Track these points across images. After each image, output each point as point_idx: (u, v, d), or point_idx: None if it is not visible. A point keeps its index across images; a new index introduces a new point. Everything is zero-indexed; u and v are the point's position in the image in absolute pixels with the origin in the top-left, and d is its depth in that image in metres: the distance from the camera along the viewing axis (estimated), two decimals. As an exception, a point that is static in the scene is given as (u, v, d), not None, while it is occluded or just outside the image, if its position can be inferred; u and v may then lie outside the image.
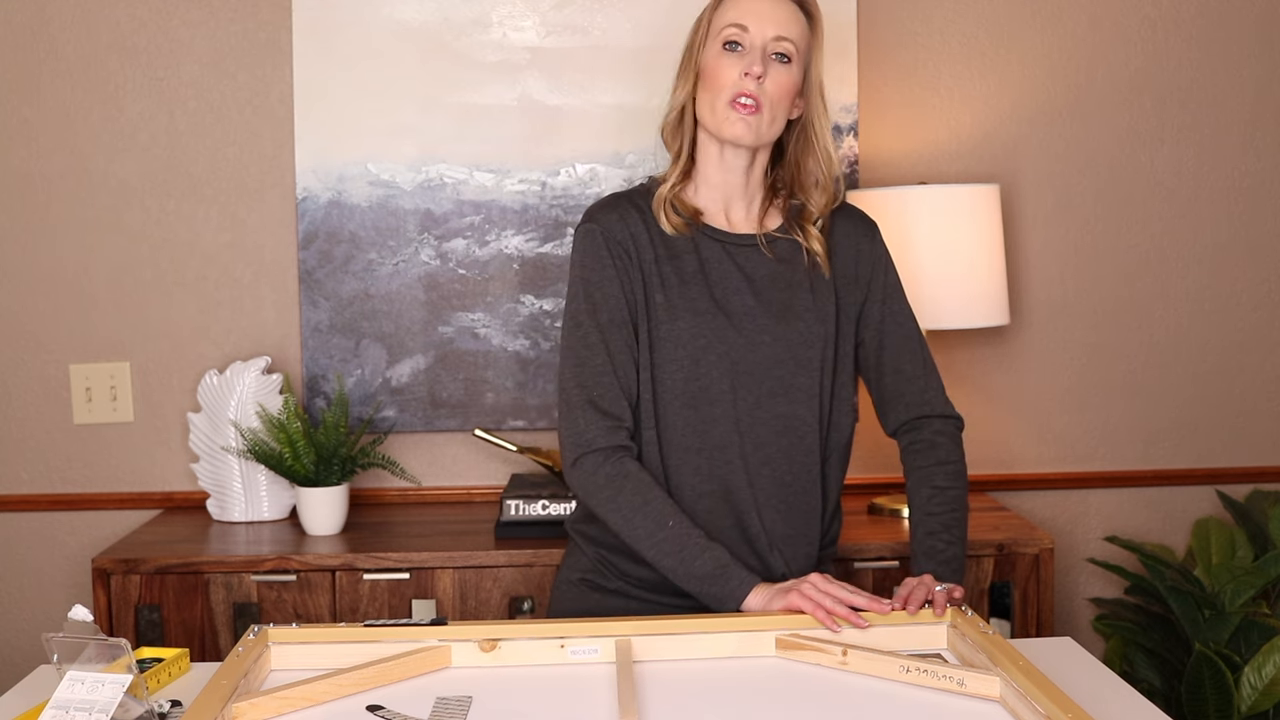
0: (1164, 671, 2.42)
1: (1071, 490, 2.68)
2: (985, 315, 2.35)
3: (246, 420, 2.44)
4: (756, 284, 1.68)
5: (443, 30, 2.52)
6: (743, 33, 1.63)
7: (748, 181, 1.71)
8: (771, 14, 1.63)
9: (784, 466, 1.67)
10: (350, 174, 2.52)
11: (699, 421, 1.65)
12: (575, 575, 1.75)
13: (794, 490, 1.68)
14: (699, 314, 1.65)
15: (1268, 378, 2.70)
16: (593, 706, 1.35)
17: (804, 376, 1.67)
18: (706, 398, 1.65)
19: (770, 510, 1.67)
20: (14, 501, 2.57)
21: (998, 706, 1.33)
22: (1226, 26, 2.62)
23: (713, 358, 1.65)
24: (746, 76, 1.61)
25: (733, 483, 1.66)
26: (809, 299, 1.69)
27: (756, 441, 1.66)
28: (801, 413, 1.68)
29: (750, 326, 1.66)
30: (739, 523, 1.67)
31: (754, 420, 1.66)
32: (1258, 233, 2.67)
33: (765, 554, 1.67)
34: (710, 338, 1.65)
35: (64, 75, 2.51)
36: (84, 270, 2.54)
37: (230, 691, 1.29)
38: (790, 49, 1.63)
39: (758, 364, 1.66)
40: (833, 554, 1.80)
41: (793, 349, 1.67)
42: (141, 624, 2.22)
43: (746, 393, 1.66)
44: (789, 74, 1.64)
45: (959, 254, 2.32)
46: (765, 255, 1.70)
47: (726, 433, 1.65)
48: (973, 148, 2.60)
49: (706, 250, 1.69)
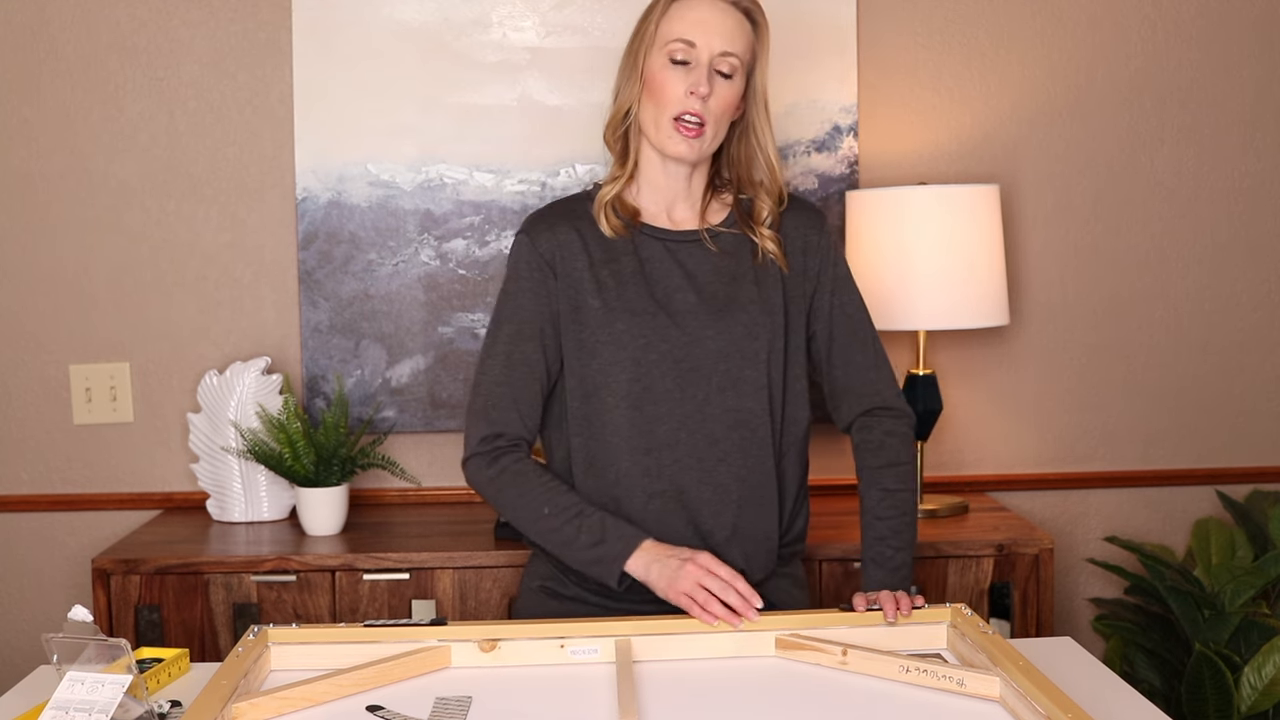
0: (1164, 672, 2.42)
1: (1071, 490, 2.68)
2: (985, 315, 2.35)
3: (246, 421, 2.44)
4: (698, 280, 1.68)
5: (443, 30, 2.52)
6: (689, 48, 1.61)
7: (690, 185, 1.71)
8: (719, 27, 1.62)
9: (739, 461, 1.66)
10: (350, 174, 2.52)
11: (645, 422, 1.64)
12: (535, 583, 1.75)
13: (750, 485, 1.67)
14: (638, 314, 1.65)
15: (1268, 378, 2.70)
16: (593, 706, 1.35)
17: (751, 369, 1.66)
18: (650, 397, 1.64)
19: (727, 507, 1.66)
20: (14, 502, 2.57)
21: (998, 706, 1.33)
22: (1226, 27, 2.62)
23: (654, 356, 1.64)
24: (692, 95, 1.61)
25: (684, 482, 1.65)
26: (753, 291, 1.69)
27: (709, 438, 1.65)
28: (751, 405, 1.67)
29: (693, 323, 1.65)
30: (692, 521, 1.65)
31: (704, 417, 1.65)
32: (1258, 233, 2.67)
33: (722, 551, 1.65)
34: (651, 337, 1.64)
35: (64, 75, 2.51)
36: (84, 270, 2.54)
37: (230, 692, 1.29)
38: (734, 64, 1.63)
39: (703, 359, 1.65)
40: (799, 551, 1.79)
41: (737, 342, 1.66)
42: (141, 624, 2.22)
43: (694, 390, 1.65)
44: (732, 87, 1.64)
45: (959, 254, 2.32)
46: (708, 250, 1.70)
47: (673, 431, 1.64)
48: (973, 148, 2.60)
49: (646, 250, 1.69)
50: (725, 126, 1.67)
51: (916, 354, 2.45)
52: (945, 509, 2.43)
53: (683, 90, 1.61)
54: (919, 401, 2.42)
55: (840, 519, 2.43)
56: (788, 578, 1.76)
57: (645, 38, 1.66)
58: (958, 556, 2.25)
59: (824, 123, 2.55)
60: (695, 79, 1.61)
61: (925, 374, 2.43)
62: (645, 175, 1.71)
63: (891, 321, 2.36)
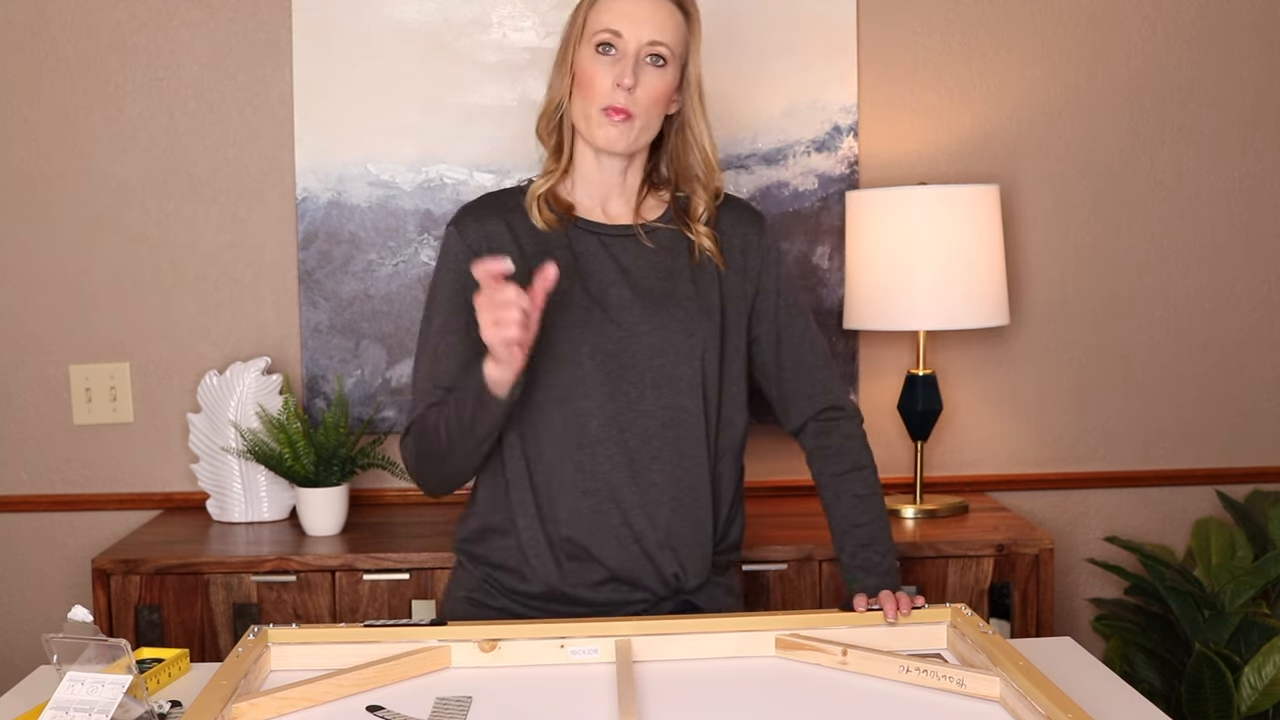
0: (1164, 672, 2.42)
1: (1071, 490, 2.68)
2: (985, 315, 2.35)
3: (246, 421, 2.44)
4: (633, 275, 1.65)
5: (443, 30, 2.52)
6: (616, 38, 1.58)
7: (625, 180, 1.68)
8: (647, 17, 1.59)
9: (673, 461, 1.63)
10: (350, 174, 2.52)
11: (575, 417, 1.60)
12: (461, 593, 1.71)
13: (684, 486, 1.63)
14: (570, 308, 1.61)
15: (1268, 378, 2.70)
16: (593, 706, 1.35)
17: (686, 366, 1.63)
18: (581, 392, 1.60)
19: (660, 508, 1.62)
20: (14, 502, 2.57)
21: (998, 706, 1.33)
22: (1226, 27, 2.62)
23: (586, 350, 1.60)
24: (618, 88, 1.58)
25: (615, 480, 1.61)
26: (690, 288, 1.65)
27: (642, 436, 1.61)
28: (686, 403, 1.63)
29: (627, 318, 1.62)
30: (625, 521, 1.61)
31: (637, 414, 1.61)
32: (1258, 233, 2.67)
33: (654, 554, 1.62)
34: (584, 330, 1.60)
35: (64, 75, 2.51)
36: (84, 270, 2.54)
37: (230, 692, 1.29)
38: (665, 52, 1.60)
39: (638, 355, 1.61)
40: (734, 560, 1.75)
41: (672, 338, 1.62)
42: (141, 624, 2.22)
43: (628, 386, 1.61)
44: (663, 78, 1.61)
45: (959, 254, 2.32)
46: (643, 245, 1.66)
47: (604, 428, 1.60)
48: (973, 148, 2.60)
49: (580, 244, 1.65)
50: (657, 119, 1.63)
51: (916, 354, 2.45)
52: (945, 509, 2.43)
53: (609, 82, 1.58)
54: (919, 401, 2.42)
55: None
56: (721, 586, 1.72)
57: (574, 30, 1.63)
58: (958, 556, 2.25)
59: (824, 123, 2.55)
60: (621, 70, 1.57)
61: (925, 374, 2.43)
62: (579, 170, 1.68)
63: (891, 321, 2.36)
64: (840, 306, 2.54)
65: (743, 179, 2.54)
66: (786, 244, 2.55)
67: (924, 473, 2.50)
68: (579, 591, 1.63)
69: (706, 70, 1.68)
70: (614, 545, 1.61)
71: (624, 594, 1.64)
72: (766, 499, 2.54)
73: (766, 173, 2.54)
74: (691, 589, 1.66)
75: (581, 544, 1.62)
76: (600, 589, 1.63)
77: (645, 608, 1.65)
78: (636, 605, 1.64)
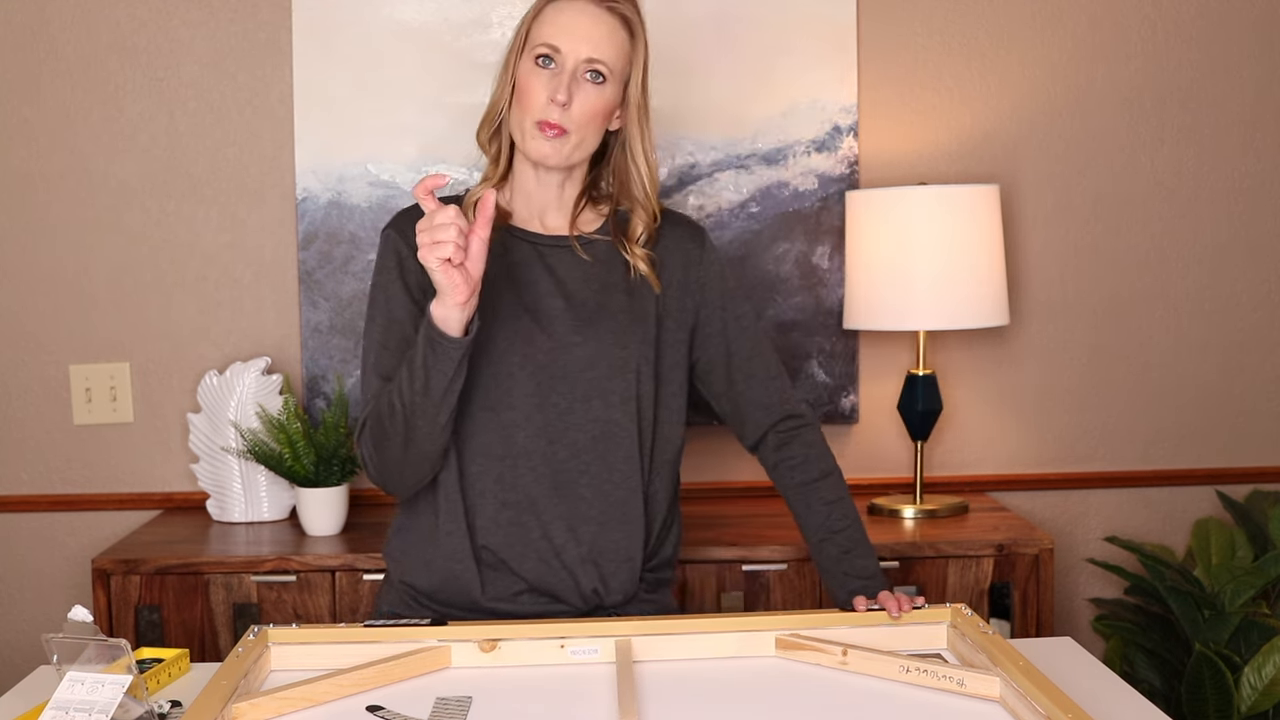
0: (1164, 672, 2.42)
1: (1071, 490, 2.68)
2: (985, 315, 2.35)
3: (246, 421, 2.44)
4: (568, 286, 1.63)
5: (443, 30, 2.52)
6: (555, 52, 1.56)
7: (562, 192, 1.66)
8: (587, 33, 1.56)
9: (602, 474, 1.60)
10: (350, 174, 2.52)
11: (501, 427, 1.58)
12: (385, 608, 1.69)
13: (613, 500, 1.61)
14: (502, 318, 1.59)
15: (1268, 378, 2.70)
16: (593, 706, 1.35)
17: (619, 379, 1.61)
18: (509, 403, 1.58)
19: (587, 521, 1.60)
20: (14, 502, 2.57)
21: (998, 707, 1.33)
22: (1226, 27, 2.62)
23: (516, 359, 1.58)
24: (552, 103, 1.55)
25: (535, 492, 1.59)
26: (624, 300, 1.63)
27: (572, 449, 1.59)
28: (617, 417, 1.61)
29: (560, 328, 1.60)
30: (545, 534, 1.59)
31: (566, 426, 1.59)
32: (1258, 233, 2.67)
33: (575, 568, 1.60)
34: (514, 340, 1.59)
35: (64, 75, 2.51)
36: (84, 270, 2.54)
37: (230, 692, 1.29)
38: (604, 70, 1.57)
39: (569, 366, 1.60)
40: (668, 579, 1.72)
41: (605, 351, 1.60)
42: (141, 624, 2.22)
43: (558, 398, 1.59)
44: (601, 95, 1.58)
45: (959, 254, 2.32)
46: (580, 257, 1.64)
47: (531, 439, 1.59)
48: (973, 148, 2.60)
49: (516, 253, 1.64)
50: (594, 135, 1.61)
51: (916, 354, 2.45)
52: (945, 509, 2.43)
53: (545, 96, 1.56)
54: (919, 401, 2.42)
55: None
56: (651, 604, 1.68)
57: (517, 40, 1.61)
58: (958, 556, 2.25)
59: (824, 123, 2.55)
60: (555, 85, 1.55)
61: (925, 374, 2.43)
62: (517, 180, 1.66)
63: (891, 321, 2.36)
64: (840, 306, 2.54)
65: (743, 179, 2.54)
66: (786, 244, 2.55)
67: (924, 473, 2.50)
68: (497, 604, 1.61)
69: (707, 72, 1.68)
70: (533, 558, 1.60)
71: (543, 605, 1.61)
72: (766, 499, 2.54)
73: (766, 173, 2.54)
74: (613, 604, 1.63)
75: (499, 555, 1.60)
76: (518, 600, 1.61)
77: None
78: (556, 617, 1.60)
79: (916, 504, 2.44)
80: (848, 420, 2.60)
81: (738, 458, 2.40)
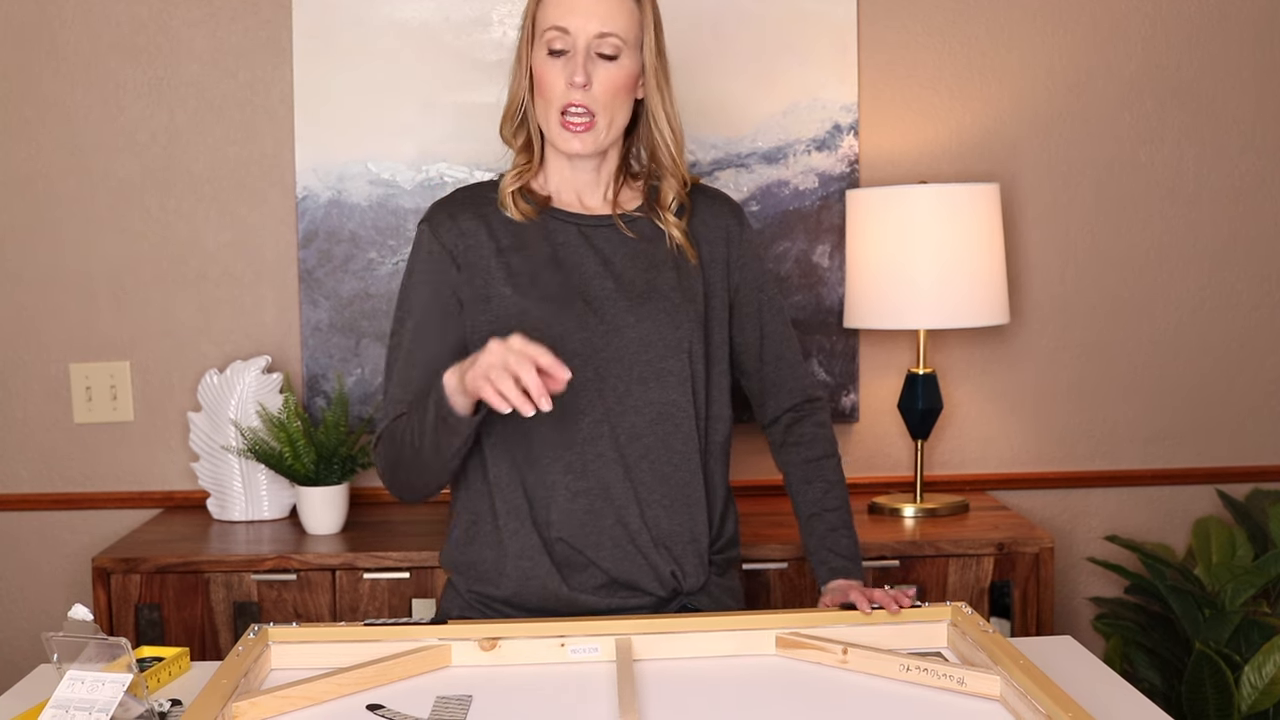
0: (1164, 671, 2.42)
1: (1072, 489, 2.68)
2: (985, 315, 2.35)
3: (247, 419, 2.44)
4: (615, 266, 1.60)
5: (443, 30, 2.52)
6: (564, 35, 1.54)
7: (599, 174, 1.64)
8: (592, 8, 1.54)
9: (663, 457, 1.59)
10: (350, 173, 2.52)
11: (564, 416, 1.54)
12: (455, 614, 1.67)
13: (675, 483, 1.60)
14: (551, 302, 1.57)
15: (1268, 377, 2.70)
16: (593, 706, 1.35)
17: (674, 360, 1.59)
18: (569, 390, 1.49)
19: (652, 506, 1.59)
20: (14, 501, 2.57)
21: (998, 705, 1.33)
22: (1226, 26, 2.62)
23: (573, 346, 1.55)
24: (572, 86, 1.54)
25: (608, 478, 1.57)
26: (673, 278, 1.61)
27: (631, 432, 1.57)
28: (676, 398, 1.59)
29: (611, 310, 1.58)
30: (620, 520, 1.58)
31: (625, 409, 1.57)
32: (1258, 233, 2.67)
33: (650, 553, 1.59)
34: (568, 325, 1.56)
35: (64, 75, 2.51)
36: (84, 269, 2.54)
37: (230, 691, 1.29)
38: (617, 44, 1.55)
39: (624, 349, 1.57)
40: (734, 558, 1.72)
41: (659, 331, 1.58)
42: (142, 623, 2.22)
43: (616, 380, 1.57)
44: (620, 68, 1.56)
45: (959, 254, 2.32)
46: (624, 235, 1.62)
47: (595, 425, 1.56)
48: (973, 147, 2.60)
49: (560, 235, 1.61)
50: (621, 111, 1.59)
51: (917, 353, 2.45)
52: (946, 508, 2.43)
53: (563, 82, 1.54)
54: (919, 400, 2.42)
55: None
56: (722, 588, 1.68)
57: (525, 31, 1.60)
58: (958, 555, 2.26)
59: (824, 121, 2.55)
60: (572, 68, 1.53)
61: (926, 373, 2.43)
62: (552, 166, 1.64)
63: (892, 320, 2.36)
64: (840, 305, 2.54)
65: (743, 178, 2.54)
66: (787, 243, 2.55)
67: (924, 471, 2.50)
68: (580, 597, 1.59)
69: (707, 70, 1.68)
70: (608, 545, 1.58)
71: (623, 599, 1.60)
72: (766, 498, 2.54)
73: (767, 171, 2.55)
74: (690, 590, 1.63)
75: (575, 545, 1.58)
76: (599, 593, 1.60)
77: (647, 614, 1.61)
78: (636, 611, 1.61)
79: (917, 503, 2.44)
80: (848, 419, 2.60)
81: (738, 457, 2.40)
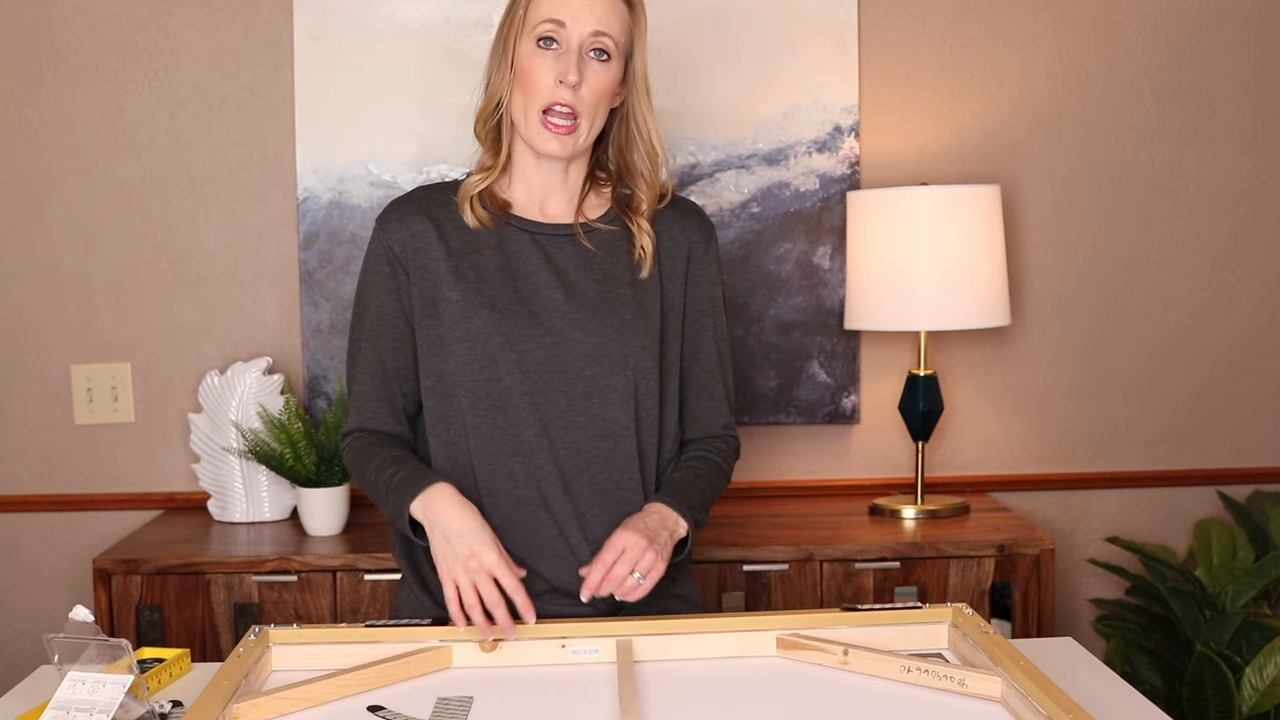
0: (1165, 672, 2.42)
1: (1072, 491, 2.68)
2: (986, 316, 2.35)
3: (247, 421, 2.44)
4: (569, 277, 1.58)
5: (443, 30, 2.52)
6: (559, 29, 1.51)
7: (566, 178, 1.62)
8: (589, 6, 1.51)
9: (604, 474, 1.57)
10: (351, 174, 2.52)
11: (506, 424, 1.55)
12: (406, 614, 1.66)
13: (616, 500, 1.57)
14: (497, 311, 1.55)
15: (1268, 378, 2.70)
16: (593, 706, 1.35)
17: (619, 376, 1.56)
18: (509, 399, 1.54)
19: (590, 520, 1.57)
20: (15, 502, 2.57)
21: (999, 707, 1.33)
22: (1226, 26, 2.62)
23: (513, 357, 1.54)
24: (561, 84, 1.51)
25: (548, 490, 1.55)
26: (628, 293, 1.59)
27: (572, 447, 1.56)
28: (618, 415, 1.56)
29: (559, 323, 1.55)
30: (560, 532, 1.56)
31: (566, 424, 1.55)
32: (1258, 233, 2.67)
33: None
34: (510, 335, 1.54)
35: (65, 75, 2.51)
36: (84, 270, 2.54)
37: (231, 692, 1.29)
38: (610, 44, 1.53)
39: (569, 362, 1.55)
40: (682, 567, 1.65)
41: (607, 346, 1.56)
42: (142, 624, 2.22)
43: (558, 394, 1.55)
44: (608, 72, 1.54)
45: (959, 254, 2.32)
46: (582, 246, 1.60)
47: (536, 437, 1.55)
48: (973, 148, 2.60)
49: (514, 243, 1.59)
50: (601, 115, 1.57)
51: (918, 354, 2.45)
52: (946, 509, 2.43)
53: (552, 79, 1.52)
54: (920, 402, 2.42)
55: (834, 519, 2.43)
56: (674, 596, 1.65)
57: (514, 23, 1.55)
58: (959, 557, 2.25)
59: (825, 123, 2.55)
60: (564, 66, 1.51)
61: (926, 374, 2.43)
62: (518, 168, 1.61)
63: (893, 322, 2.36)
64: (841, 307, 2.54)
65: (744, 179, 2.54)
66: (788, 244, 2.55)
67: (925, 473, 2.50)
68: None
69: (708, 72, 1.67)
70: (549, 555, 1.57)
71: (562, 607, 1.58)
72: (766, 499, 2.54)
73: (767, 173, 2.54)
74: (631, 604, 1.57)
75: (516, 554, 1.55)
76: (540, 600, 1.55)
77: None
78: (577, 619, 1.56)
79: (918, 504, 2.44)
80: (849, 420, 2.60)
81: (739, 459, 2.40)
